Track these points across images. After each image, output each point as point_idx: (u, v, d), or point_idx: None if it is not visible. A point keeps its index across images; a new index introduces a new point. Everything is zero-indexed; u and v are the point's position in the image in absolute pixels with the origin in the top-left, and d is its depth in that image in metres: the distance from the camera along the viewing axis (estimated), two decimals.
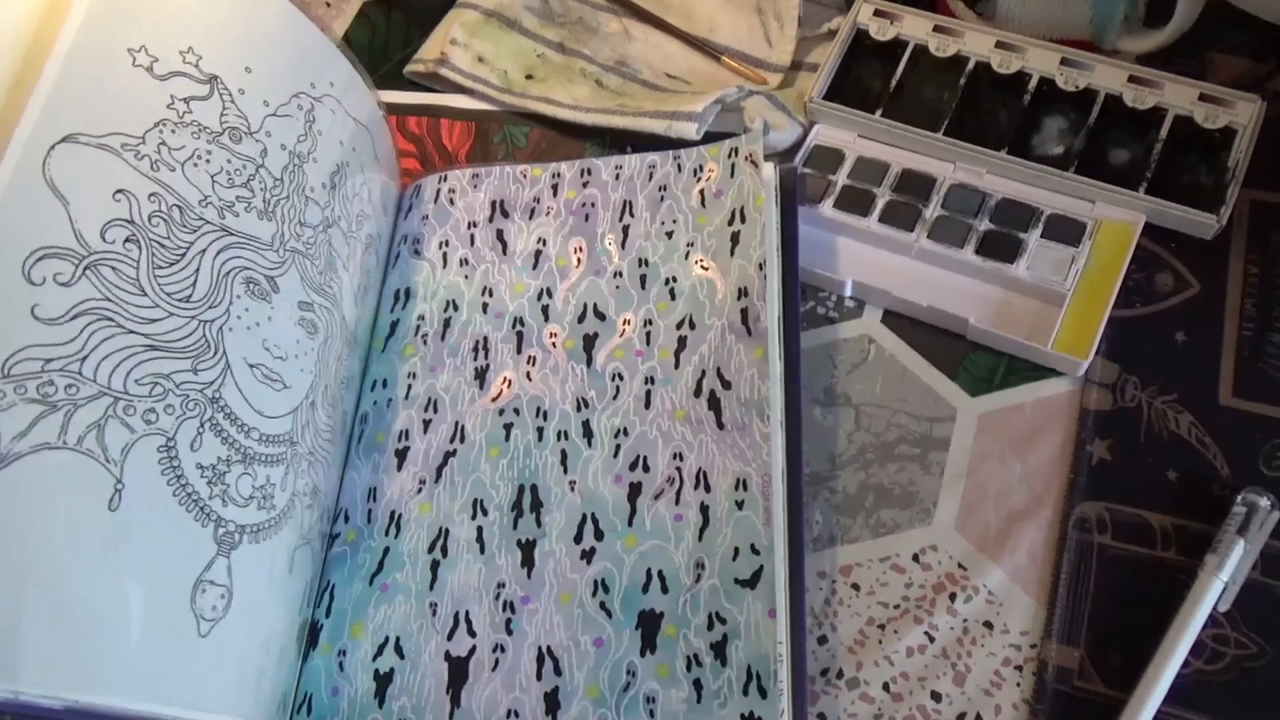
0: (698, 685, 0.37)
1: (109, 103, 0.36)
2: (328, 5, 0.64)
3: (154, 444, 0.34)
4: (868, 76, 0.54)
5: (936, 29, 0.53)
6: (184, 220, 0.37)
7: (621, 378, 0.44)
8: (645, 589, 0.39)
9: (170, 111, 0.38)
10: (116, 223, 0.35)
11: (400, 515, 0.44)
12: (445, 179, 0.53)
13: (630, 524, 0.41)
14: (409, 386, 0.47)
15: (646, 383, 0.44)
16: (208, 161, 0.38)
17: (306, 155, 0.42)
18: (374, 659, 0.41)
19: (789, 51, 0.55)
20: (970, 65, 0.52)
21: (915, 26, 0.53)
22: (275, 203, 0.40)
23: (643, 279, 0.47)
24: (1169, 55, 0.50)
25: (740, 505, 0.40)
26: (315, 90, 0.43)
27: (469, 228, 0.51)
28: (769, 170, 0.47)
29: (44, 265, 0.33)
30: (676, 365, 0.44)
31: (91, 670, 0.31)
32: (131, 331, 0.35)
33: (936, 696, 0.40)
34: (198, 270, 0.37)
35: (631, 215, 0.48)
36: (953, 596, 0.42)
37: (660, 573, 0.40)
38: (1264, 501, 0.40)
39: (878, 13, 0.54)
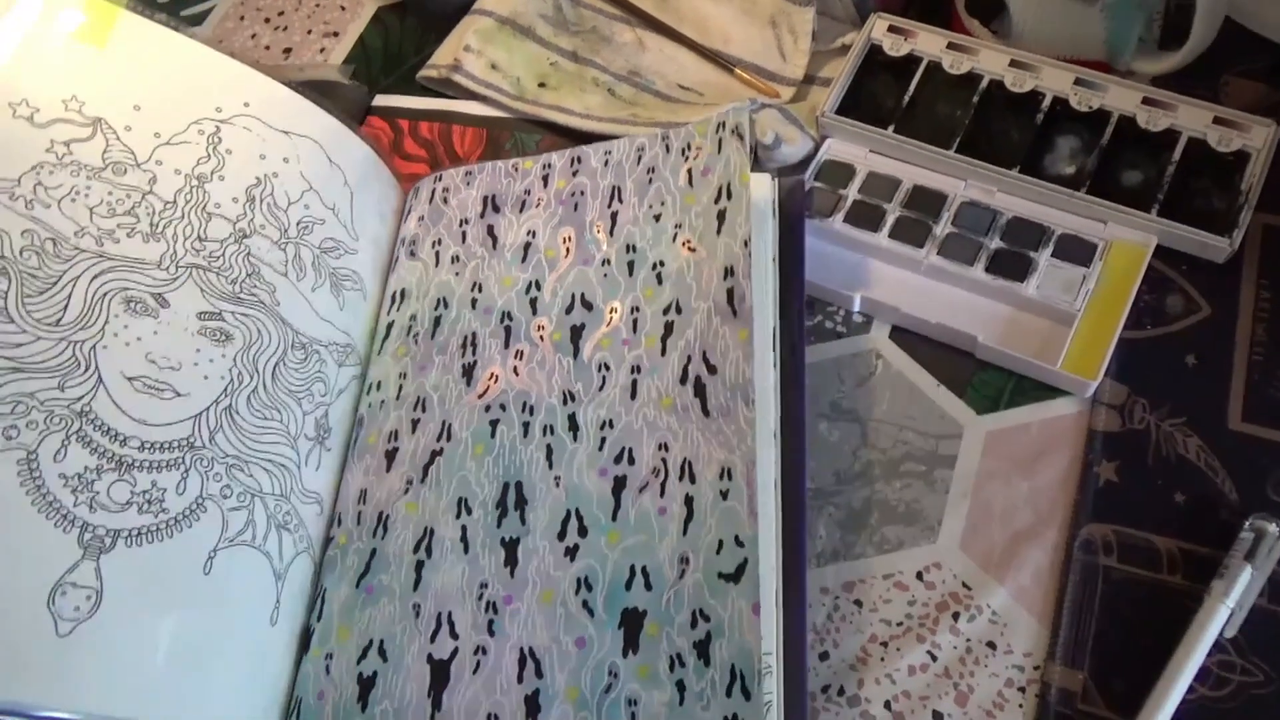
0: (680, 687, 0.36)
1: None
2: (343, 9, 0.64)
3: (13, 458, 0.36)
4: (880, 92, 0.54)
5: (950, 46, 0.52)
6: (57, 251, 0.39)
7: (608, 368, 0.43)
8: (629, 586, 0.38)
9: (49, 155, 0.40)
10: None
11: (388, 516, 0.43)
12: (440, 179, 0.53)
13: (614, 519, 0.40)
14: (400, 387, 0.47)
15: (633, 372, 0.43)
16: (87, 196, 0.41)
17: (210, 175, 0.44)
18: (358, 662, 0.40)
19: (802, 65, 0.55)
20: (984, 83, 0.52)
21: (929, 43, 0.53)
22: (165, 224, 0.42)
23: (630, 265, 0.46)
24: (1184, 78, 0.50)
25: (725, 495, 0.39)
26: (222, 113, 0.45)
27: (461, 225, 0.51)
28: (766, 183, 0.46)
29: None
30: (663, 352, 0.43)
31: None
32: None
33: (938, 716, 0.39)
34: (70, 295, 0.39)
35: (620, 201, 0.48)
36: (956, 616, 0.41)
37: (644, 569, 0.39)
38: (1272, 528, 0.40)
39: (892, 29, 0.54)
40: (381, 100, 0.60)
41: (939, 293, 0.49)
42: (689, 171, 0.47)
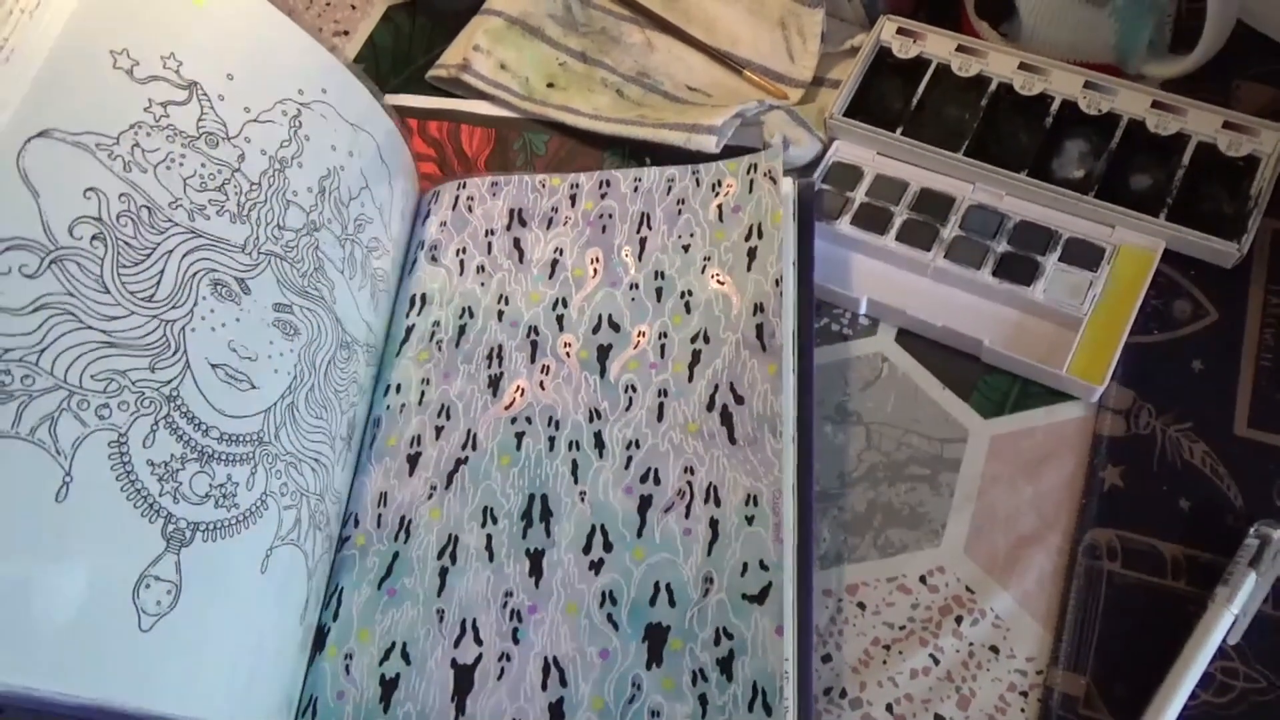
0: (703, 700, 0.37)
1: (87, 102, 0.37)
2: (353, 8, 0.64)
3: (105, 439, 0.35)
4: (889, 94, 0.54)
5: (959, 49, 0.52)
6: (152, 221, 0.38)
7: (634, 390, 0.44)
8: (653, 602, 0.39)
9: (147, 115, 0.39)
10: (85, 220, 0.36)
11: (410, 521, 0.44)
12: (464, 186, 0.53)
13: (639, 536, 0.41)
14: (422, 392, 0.47)
15: (659, 395, 0.44)
16: (181, 165, 0.39)
17: (290, 160, 0.43)
18: (380, 664, 0.41)
19: (811, 67, 0.55)
20: (992, 86, 0.52)
21: (938, 46, 0.53)
22: (251, 206, 0.41)
23: (659, 291, 0.47)
24: (1194, 82, 0.50)
25: (750, 521, 0.40)
26: (303, 96, 0.44)
27: (486, 235, 0.51)
28: (787, 185, 0.47)
29: (10, 256, 0.34)
30: (690, 379, 0.44)
31: (21, 655, 0.32)
32: (90, 327, 0.35)
33: None
34: (163, 270, 0.38)
35: (649, 228, 0.48)
36: (959, 619, 0.42)
37: (668, 586, 0.40)
38: (1277, 534, 0.40)
39: (900, 31, 0.53)
40: (390, 99, 0.60)
41: (945, 296, 0.49)
42: (719, 207, 0.47)
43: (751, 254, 0.46)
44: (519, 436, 0.45)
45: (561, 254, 0.49)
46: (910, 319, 0.48)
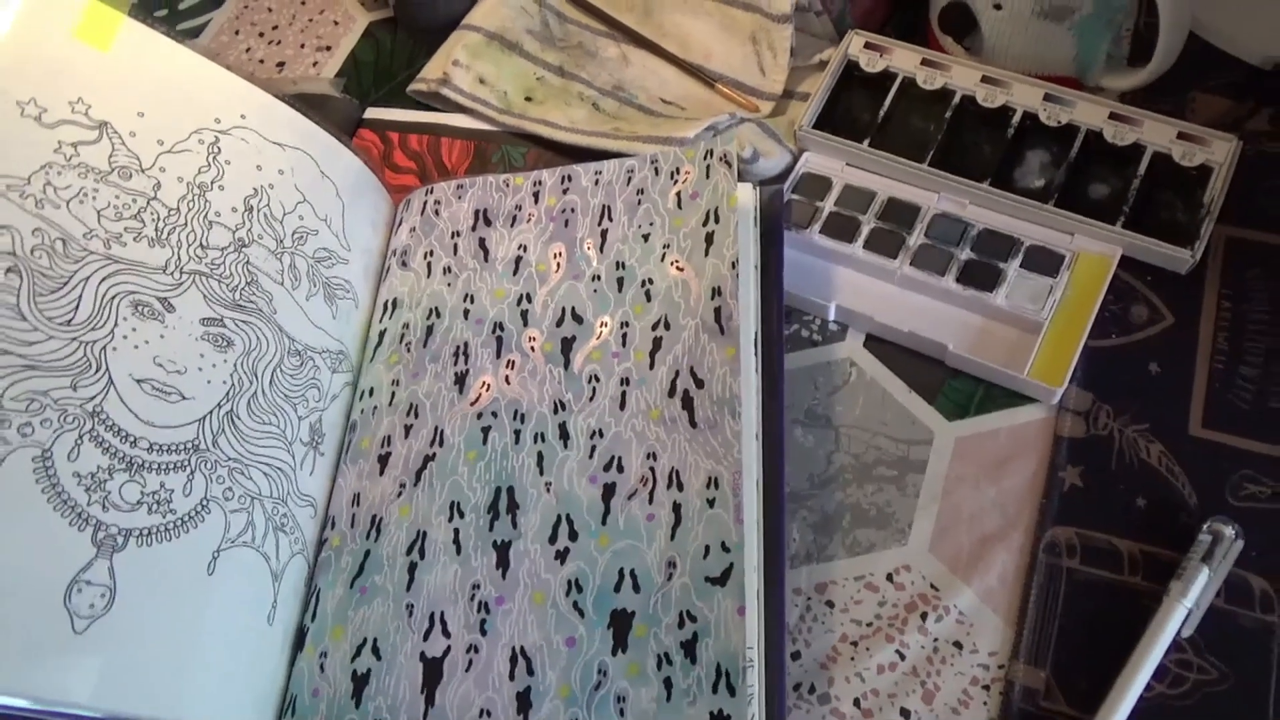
0: (668, 684, 0.38)
1: None
2: (335, 24, 0.65)
3: (29, 455, 0.37)
4: (857, 107, 0.55)
5: (924, 62, 0.54)
6: (67, 252, 0.40)
7: (598, 380, 0.45)
8: (617, 588, 0.40)
9: (57, 155, 0.41)
10: None
11: (381, 519, 0.45)
12: (431, 191, 0.54)
13: (604, 524, 0.41)
14: (392, 393, 0.48)
15: (622, 384, 0.44)
16: (94, 198, 0.42)
17: (210, 184, 0.45)
18: (352, 660, 0.42)
19: (781, 80, 0.57)
20: (956, 99, 0.53)
21: (904, 60, 0.54)
22: (170, 230, 0.43)
23: (620, 282, 0.47)
24: (1151, 94, 0.52)
25: (711, 503, 0.40)
26: (221, 124, 0.47)
27: (452, 237, 0.52)
28: (749, 194, 0.48)
29: None
30: (651, 366, 0.44)
31: None
32: (9, 353, 0.37)
33: (905, 714, 0.41)
34: (80, 296, 0.40)
35: (610, 219, 0.49)
36: (924, 616, 0.43)
37: (632, 572, 0.40)
38: (1229, 531, 0.41)
39: (868, 45, 0.55)
40: (372, 113, 0.61)
41: (911, 302, 0.50)
42: (678, 194, 0.48)
43: (709, 239, 0.46)
44: (485, 431, 0.45)
45: (525, 250, 0.50)
46: (878, 325, 0.49)
